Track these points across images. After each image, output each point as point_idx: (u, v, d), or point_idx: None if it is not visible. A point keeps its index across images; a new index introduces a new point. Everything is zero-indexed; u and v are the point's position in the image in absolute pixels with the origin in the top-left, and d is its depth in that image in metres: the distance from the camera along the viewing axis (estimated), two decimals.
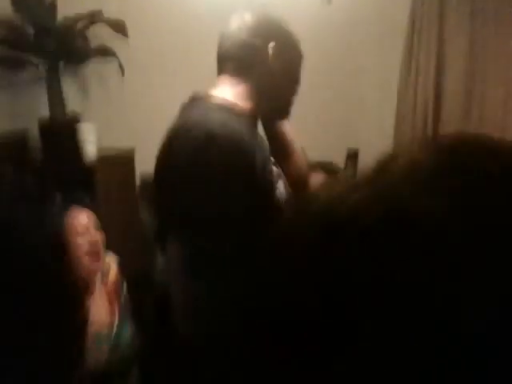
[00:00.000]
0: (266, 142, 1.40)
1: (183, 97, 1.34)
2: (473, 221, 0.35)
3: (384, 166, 0.40)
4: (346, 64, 2.97)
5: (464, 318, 0.33)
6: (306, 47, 1.40)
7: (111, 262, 1.80)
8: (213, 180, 1.14)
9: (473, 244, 0.34)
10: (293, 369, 0.35)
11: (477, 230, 0.34)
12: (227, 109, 1.26)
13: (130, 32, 2.39)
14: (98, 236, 1.76)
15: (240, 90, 1.31)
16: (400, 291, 0.34)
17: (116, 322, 1.71)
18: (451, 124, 3.05)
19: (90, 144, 2.28)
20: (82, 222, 1.74)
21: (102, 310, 1.70)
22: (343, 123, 2.97)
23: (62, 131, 2.28)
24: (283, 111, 1.41)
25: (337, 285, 0.35)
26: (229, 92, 1.31)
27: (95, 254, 1.74)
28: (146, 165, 1.53)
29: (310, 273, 0.36)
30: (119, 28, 2.36)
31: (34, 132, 2.31)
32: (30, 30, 2.30)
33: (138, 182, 2.34)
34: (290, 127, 1.50)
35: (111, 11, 2.42)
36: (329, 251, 0.36)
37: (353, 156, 2.55)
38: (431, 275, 0.34)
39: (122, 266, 1.84)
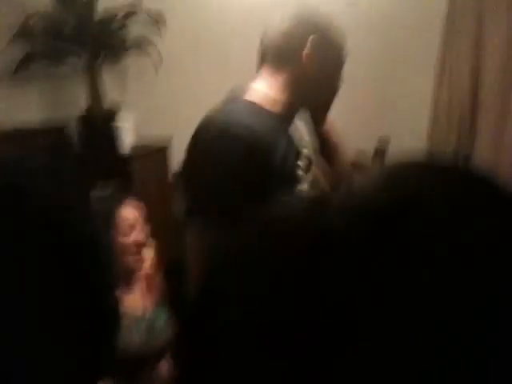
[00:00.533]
0: (301, 137, 1.41)
1: (219, 87, 1.36)
2: (474, 222, 0.34)
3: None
4: (381, 66, 2.95)
5: (464, 318, 0.33)
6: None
7: (149, 249, 1.83)
8: (218, 177, 1.19)
9: (473, 244, 0.34)
10: (292, 369, 0.35)
11: (476, 231, 0.34)
12: (255, 107, 1.28)
13: (168, 24, 2.43)
14: (145, 229, 1.79)
15: (278, 81, 1.32)
16: (400, 291, 0.34)
17: (152, 308, 1.75)
18: (488, 128, 2.97)
19: (129, 133, 2.32)
20: (131, 215, 1.76)
21: (138, 296, 1.74)
22: (376, 124, 2.93)
23: (101, 120, 2.33)
24: (321, 111, 1.40)
25: (336, 284, 0.35)
26: (267, 83, 1.32)
27: (141, 247, 1.77)
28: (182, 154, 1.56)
29: (309, 273, 0.36)
30: (158, 19, 2.40)
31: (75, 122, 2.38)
32: (71, 22, 2.36)
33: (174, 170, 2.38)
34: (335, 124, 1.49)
35: (150, 2, 2.45)
36: (328, 252, 0.36)
37: (381, 152, 2.53)
38: (431, 275, 0.34)
39: (159, 254, 1.88)
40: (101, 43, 2.39)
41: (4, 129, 2.18)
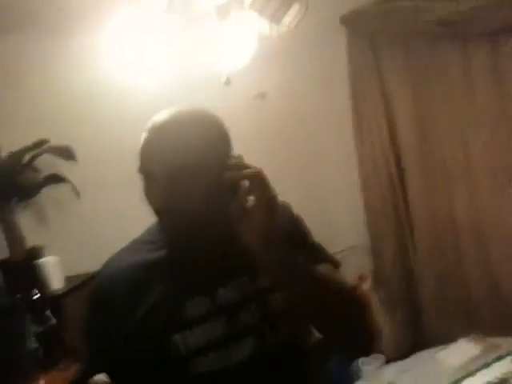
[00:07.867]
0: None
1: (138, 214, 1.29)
2: None
3: None
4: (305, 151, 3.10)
5: None
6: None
7: None
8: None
9: None
10: None
11: None
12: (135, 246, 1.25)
13: (79, 155, 2.38)
14: None
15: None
16: None
17: None
18: (414, 176, 3.03)
19: (55, 276, 2.20)
20: None
21: None
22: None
23: (22, 269, 2.19)
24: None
25: None
26: None
27: None
28: None
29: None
30: (67, 154, 2.34)
31: None
32: None
33: None
34: None
35: (58, 137, 2.39)
36: None
37: None
38: None
39: None
40: (10, 187, 2.30)
41: None
